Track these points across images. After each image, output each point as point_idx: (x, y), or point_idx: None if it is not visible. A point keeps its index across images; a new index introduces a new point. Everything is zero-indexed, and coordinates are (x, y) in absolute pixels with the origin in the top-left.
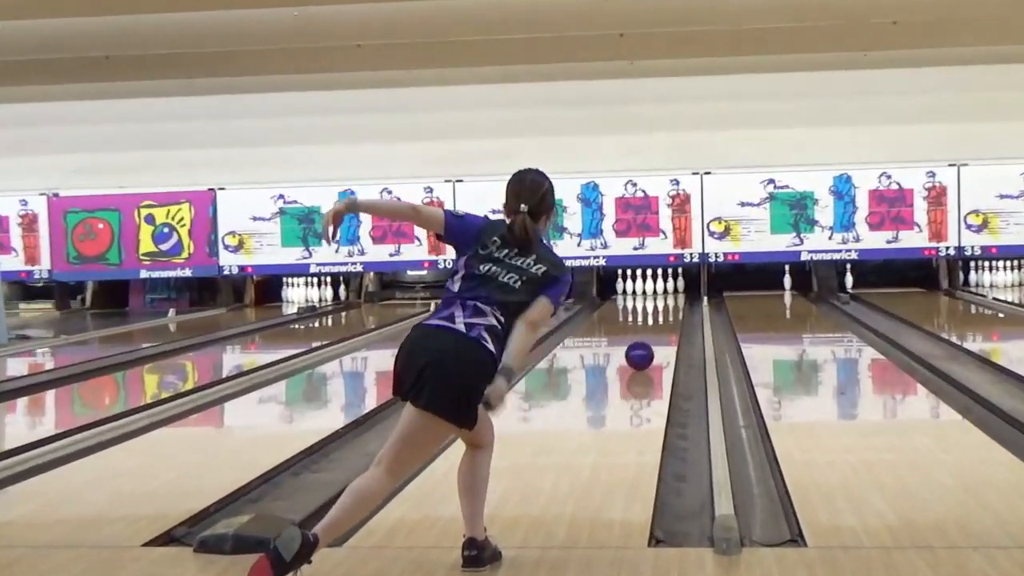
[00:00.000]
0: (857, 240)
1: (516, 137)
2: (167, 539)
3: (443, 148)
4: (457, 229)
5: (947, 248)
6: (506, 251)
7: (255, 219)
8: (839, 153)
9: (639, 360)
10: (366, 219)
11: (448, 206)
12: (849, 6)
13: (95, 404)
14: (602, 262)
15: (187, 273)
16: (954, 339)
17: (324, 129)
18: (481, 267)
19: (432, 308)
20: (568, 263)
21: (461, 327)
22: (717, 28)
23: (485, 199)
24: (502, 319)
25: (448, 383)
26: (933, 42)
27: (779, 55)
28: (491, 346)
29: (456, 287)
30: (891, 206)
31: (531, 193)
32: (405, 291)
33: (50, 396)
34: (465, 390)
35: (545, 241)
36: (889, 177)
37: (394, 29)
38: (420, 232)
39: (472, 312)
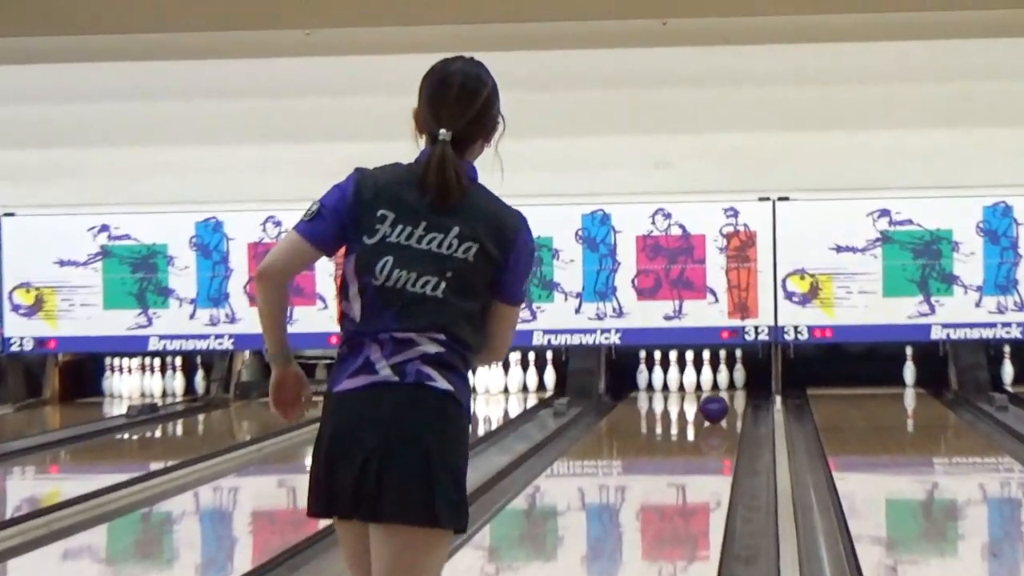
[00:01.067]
0: (1021, 308)
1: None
2: None
3: (364, 152)
4: (330, 233)
5: None
6: (407, 228)
7: (62, 263)
8: (992, 170)
9: (714, 414)
10: (239, 265)
11: None
12: None
13: None
14: (615, 339)
15: None
16: None
17: (175, 122)
18: (377, 271)
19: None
20: (561, 339)
21: (389, 373)
22: None
23: None
24: (442, 336)
25: (411, 472)
26: None
27: (893, 13)
28: (443, 383)
29: (355, 312)
30: None
31: (461, 105)
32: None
33: None
34: (440, 470)
35: (480, 175)
36: None
37: None
38: (324, 285)
39: (394, 347)
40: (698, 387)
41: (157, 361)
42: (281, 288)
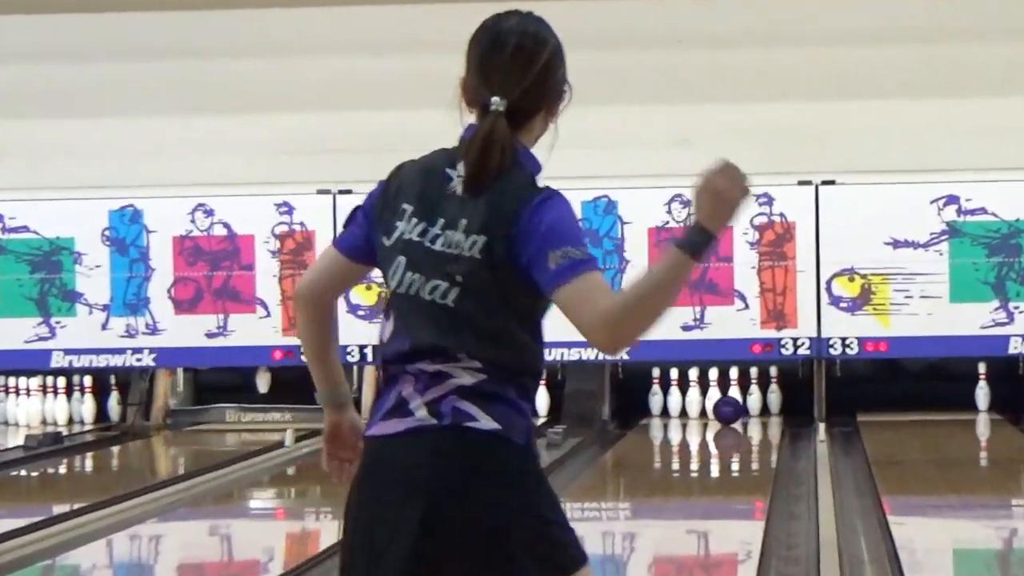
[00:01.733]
0: None
1: (455, 109)
2: None
3: (314, 125)
4: (362, 239)
5: None
6: (423, 223)
7: None
8: None
9: (727, 416)
10: (162, 263)
11: (325, 234)
12: None
13: None
14: (622, 354)
15: None
16: None
17: (84, 90)
18: (391, 275)
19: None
20: (556, 354)
21: (424, 415)
22: None
23: None
24: (476, 363)
25: (474, 540)
26: None
27: None
28: (487, 422)
29: (383, 331)
30: None
31: (517, 68)
32: (245, 408)
33: None
34: (506, 531)
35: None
36: None
37: None
38: (265, 288)
39: (428, 380)
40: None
41: (62, 381)
42: (318, 310)
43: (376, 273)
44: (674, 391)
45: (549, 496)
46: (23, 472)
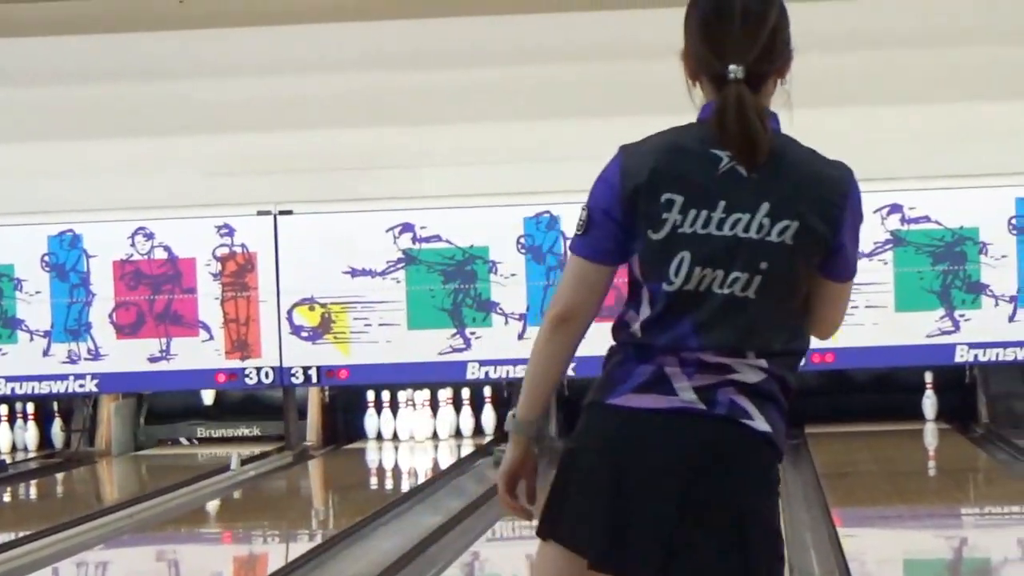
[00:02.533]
0: None
1: (398, 124)
2: None
3: (254, 148)
4: (611, 241)
5: None
6: (702, 212)
7: None
8: None
9: None
10: (103, 288)
11: (267, 256)
12: None
13: None
14: (568, 370)
15: None
16: None
17: (20, 112)
18: (672, 272)
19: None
20: (501, 371)
21: (693, 399)
22: None
23: (339, 248)
24: (763, 362)
25: (721, 538)
26: None
27: None
28: (761, 423)
29: (636, 324)
30: None
31: (749, 33)
32: (214, 424)
33: None
34: (757, 535)
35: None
36: None
37: None
38: (208, 311)
39: (699, 367)
40: None
41: (4, 408)
42: (579, 336)
43: (319, 292)
44: None
45: (779, 519)
46: None
